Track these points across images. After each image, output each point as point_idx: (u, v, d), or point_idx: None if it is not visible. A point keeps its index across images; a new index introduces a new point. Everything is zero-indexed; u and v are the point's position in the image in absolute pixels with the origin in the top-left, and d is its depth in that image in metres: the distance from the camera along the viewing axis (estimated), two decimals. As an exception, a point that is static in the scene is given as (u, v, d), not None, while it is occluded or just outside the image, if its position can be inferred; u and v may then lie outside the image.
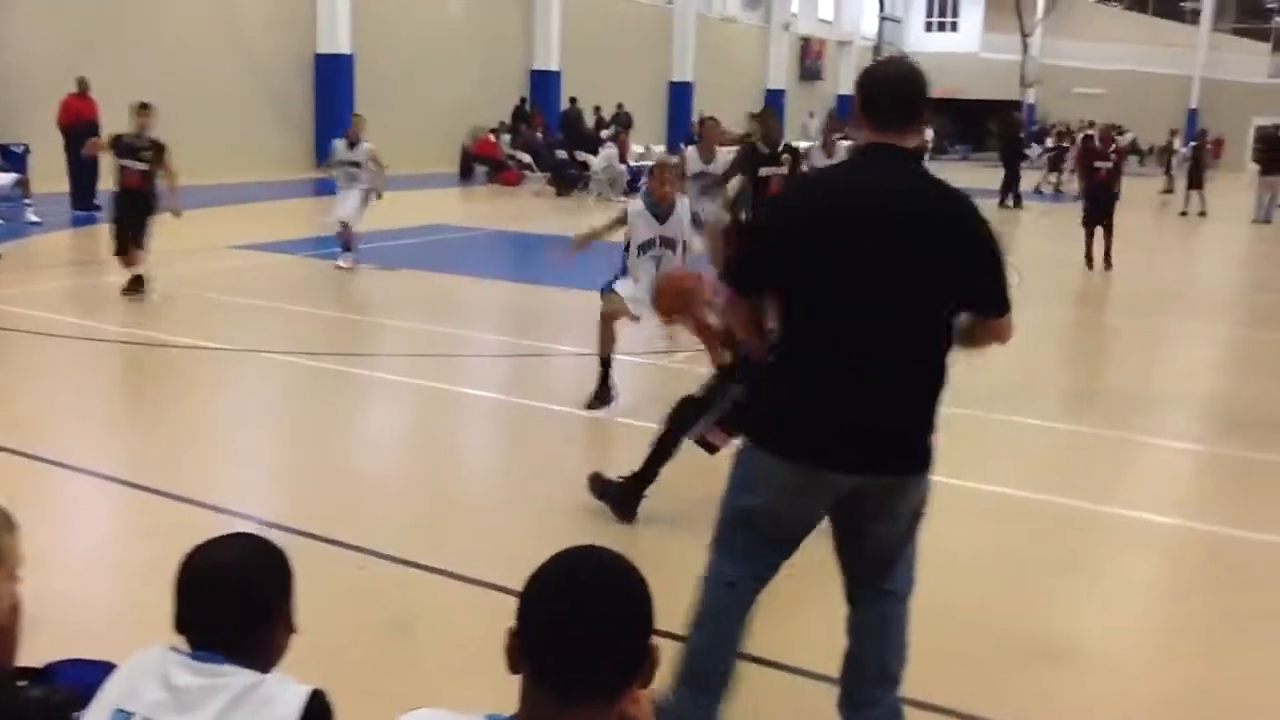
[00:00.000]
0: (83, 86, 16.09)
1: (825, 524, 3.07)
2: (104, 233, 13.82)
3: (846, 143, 10.93)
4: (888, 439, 2.86)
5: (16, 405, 6.94)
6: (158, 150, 9.82)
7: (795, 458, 2.87)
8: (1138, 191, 21.94)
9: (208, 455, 6.17)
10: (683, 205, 6.78)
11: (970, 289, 2.84)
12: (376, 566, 4.44)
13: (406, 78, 25.34)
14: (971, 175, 31.18)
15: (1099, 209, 14.48)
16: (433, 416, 7.17)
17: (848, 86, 48.18)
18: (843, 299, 2.79)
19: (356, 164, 11.91)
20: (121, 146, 9.81)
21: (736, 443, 3.31)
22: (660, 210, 6.74)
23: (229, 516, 5.08)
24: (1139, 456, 6.82)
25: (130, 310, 9.38)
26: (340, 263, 11.82)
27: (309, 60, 23.71)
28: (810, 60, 45.00)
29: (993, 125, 30.64)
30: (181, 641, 1.90)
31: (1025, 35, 42.00)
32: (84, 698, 1.95)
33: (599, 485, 5.15)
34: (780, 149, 10.20)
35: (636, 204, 6.98)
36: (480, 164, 24.67)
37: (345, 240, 11.92)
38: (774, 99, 41.84)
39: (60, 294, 10.01)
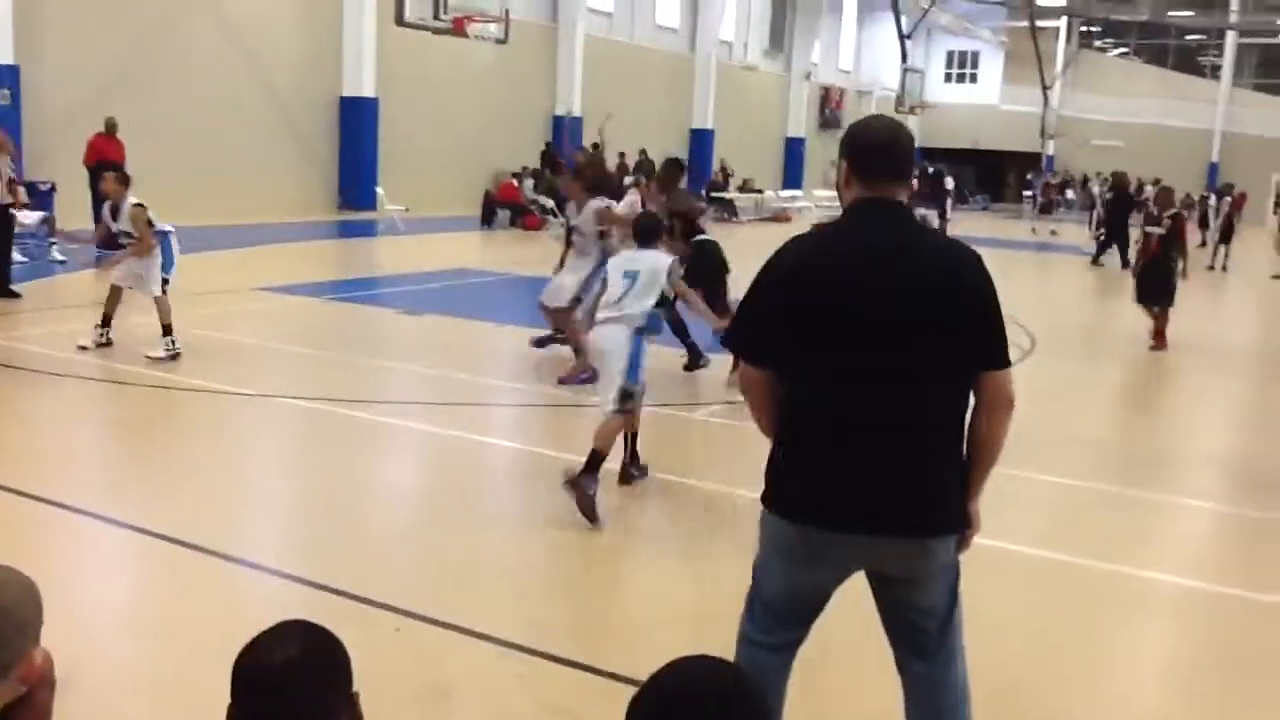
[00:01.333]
0: (110, 127, 16.21)
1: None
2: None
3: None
4: (895, 500, 2.77)
5: (34, 447, 6.85)
6: None
7: (801, 519, 2.82)
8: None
9: (232, 506, 6.07)
10: None
11: (971, 343, 2.78)
12: (411, 628, 4.31)
13: (430, 121, 25.50)
14: (992, 225, 31.26)
15: (1146, 283, 12.28)
16: (458, 467, 7.05)
17: (867, 136, 48.37)
18: (846, 358, 2.75)
19: (128, 234, 9.23)
20: None
21: None
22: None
23: (256, 572, 4.98)
24: (1172, 518, 6.67)
25: (139, 349, 9.25)
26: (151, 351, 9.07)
27: (334, 103, 23.88)
28: (830, 109, 45.22)
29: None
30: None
31: (1046, 88, 42.16)
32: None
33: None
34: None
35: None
36: (502, 208, 24.73)
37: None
38: (794, 146, 42.08)
39: (81, 334, 9.94)
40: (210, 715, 2.27)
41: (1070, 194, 43.41)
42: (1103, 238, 22.25)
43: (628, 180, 24.95)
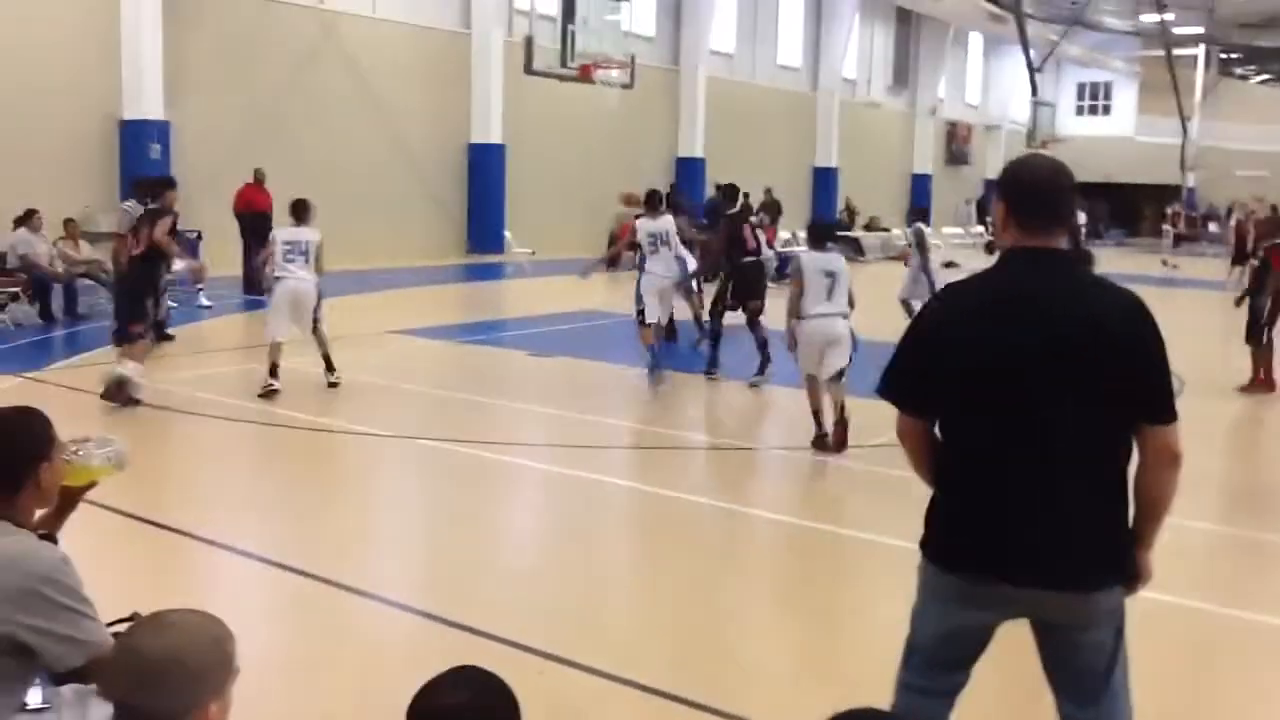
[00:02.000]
0: (259, 177, 16.80)
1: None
2: (259, 320, 14.30)
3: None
4: (1056, 552, 2.70)
5: (184, 485, 7.08)
6: None
7: (961, 570, 2.79)
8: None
9: (374, 544, 6.17)
10: None
11: (1134, 394, 2.69)
12: (555, 672, 4.29)
13: (555, 165, 25.90)
14: (1124, 260, 30.21)
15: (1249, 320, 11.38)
16: (589, 509, 7.04)
17: (996, 172, 47.42)
18: (1004, 408, 2.71)
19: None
20: None
21: None
22: None
23: (399, 611, 5.04)
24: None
25: (293, 395, 9.54)
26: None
27: (462, 149, 24.45)
28: (957, 145, 44.52)
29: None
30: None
31: (1184, 118, 40.78)
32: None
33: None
34: None
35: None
36: (627, 250, 24.88)
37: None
38: (920, 183, 41.51)
39: (227, 377, 10.29)
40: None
41: (1213, 227, 41.80)
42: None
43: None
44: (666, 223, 11.22)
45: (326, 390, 9.83)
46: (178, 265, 13.24)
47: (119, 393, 8.80)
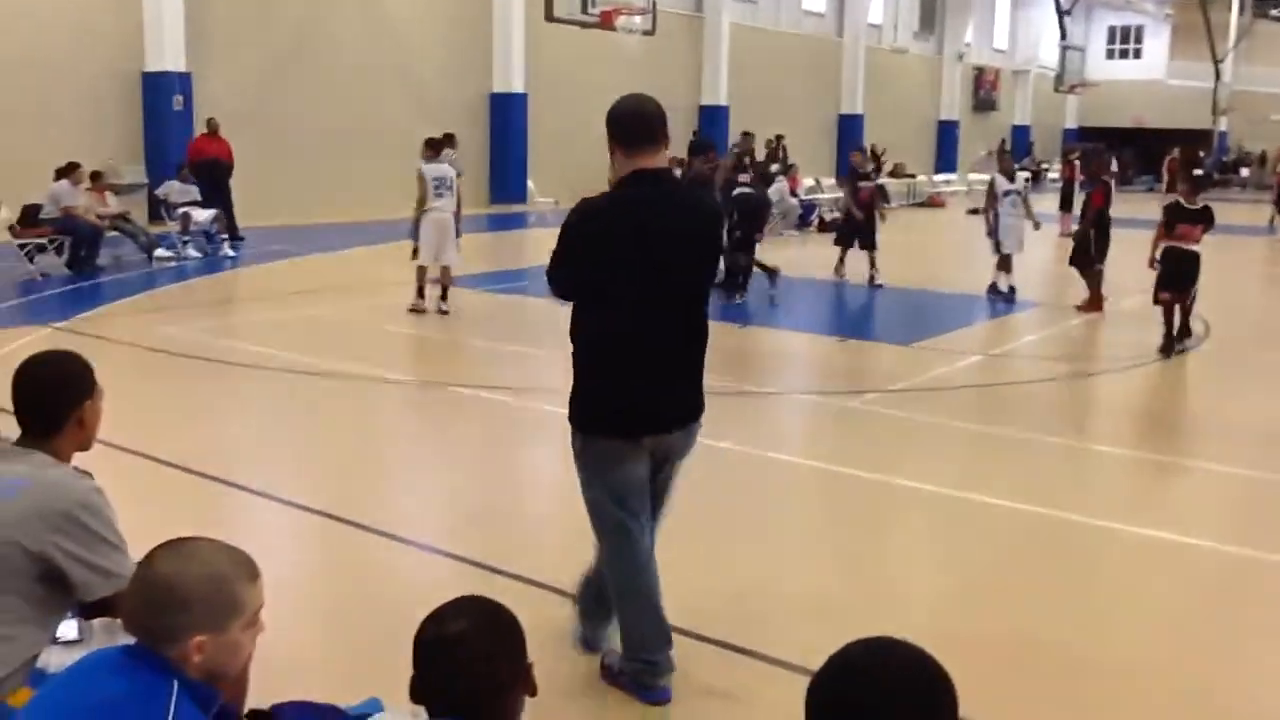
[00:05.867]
0: (212, 127, 16.66)
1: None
2: (284, 269, 14.31)
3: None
4: (689, 400, 3.68)
5: (215, 434, 7.12)
6: None
7: (630, 435, 3.56)
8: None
9: (399, 488, 6.20)
10: None
11: (711, 275, 3.72)
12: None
13: (578, 114, 25.68)
14: (1153, 207, 29.80)
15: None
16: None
17: (1024, 117, 46.79)
18: (651, 299, 3.49)
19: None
20: None
21: None
22: None
23: (427, 553, 5.06)
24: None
25: (317, 342, 9.57)
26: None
27: (484, 98, 24.30)
28: (985, 90, 43.92)
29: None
30: (416, 709, 1.82)
31: (1217, 61, 40.03)
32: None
33: None
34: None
35: None
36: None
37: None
38: (947, 130, 41.02)
39: (259, 326, 10.33)
40: (382, 687, 2.31)
41: (1244, 172, 41.24)
42: None
43: (774, 168, 24.74)
44: None
45: (365, 340, 9.90)
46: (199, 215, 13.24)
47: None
